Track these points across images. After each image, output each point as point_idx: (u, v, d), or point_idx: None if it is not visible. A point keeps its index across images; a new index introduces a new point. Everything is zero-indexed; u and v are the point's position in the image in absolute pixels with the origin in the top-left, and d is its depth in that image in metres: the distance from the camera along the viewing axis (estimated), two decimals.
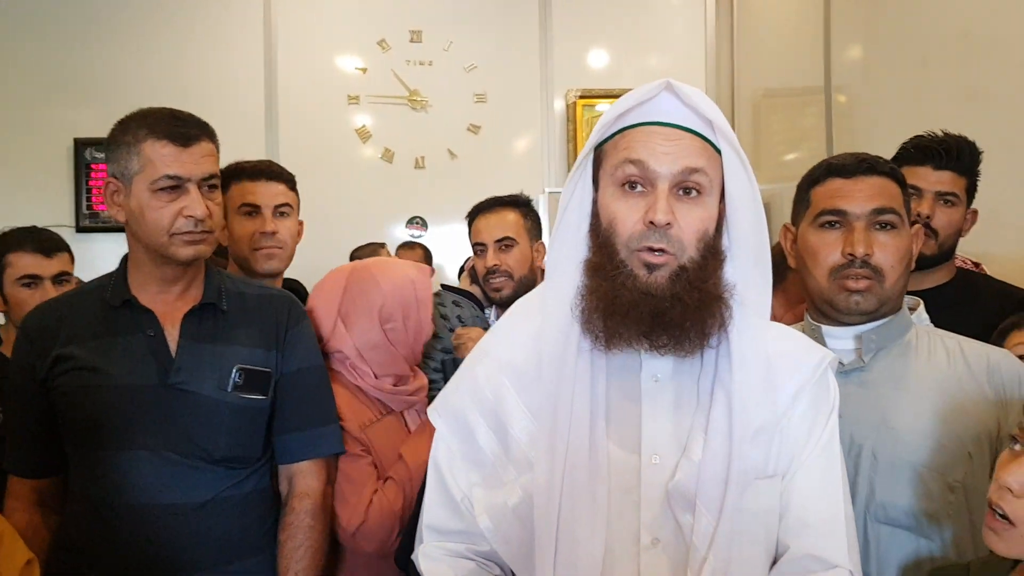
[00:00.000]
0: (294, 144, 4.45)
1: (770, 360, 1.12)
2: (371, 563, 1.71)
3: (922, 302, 1.58)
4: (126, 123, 1.52)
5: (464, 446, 1.18)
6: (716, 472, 1.06)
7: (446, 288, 2.57)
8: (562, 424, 1.09)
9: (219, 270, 1.68)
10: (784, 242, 1.51)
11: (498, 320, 1.32)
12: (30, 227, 2.22)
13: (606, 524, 1.07)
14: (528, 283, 2.22)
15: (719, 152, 1.10)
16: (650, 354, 1.10)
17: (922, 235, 1.55)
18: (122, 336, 1.52)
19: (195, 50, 4.43)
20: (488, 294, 2.34)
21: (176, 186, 1.49)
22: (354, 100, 4.61)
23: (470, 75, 4.69)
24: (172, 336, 1.53)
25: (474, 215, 2.35)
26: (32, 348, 1.55)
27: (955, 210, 1.86)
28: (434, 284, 2.04)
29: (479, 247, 2.33)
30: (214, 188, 1.55)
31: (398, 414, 1.84)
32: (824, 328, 1.44)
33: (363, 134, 4.64)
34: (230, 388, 1.53)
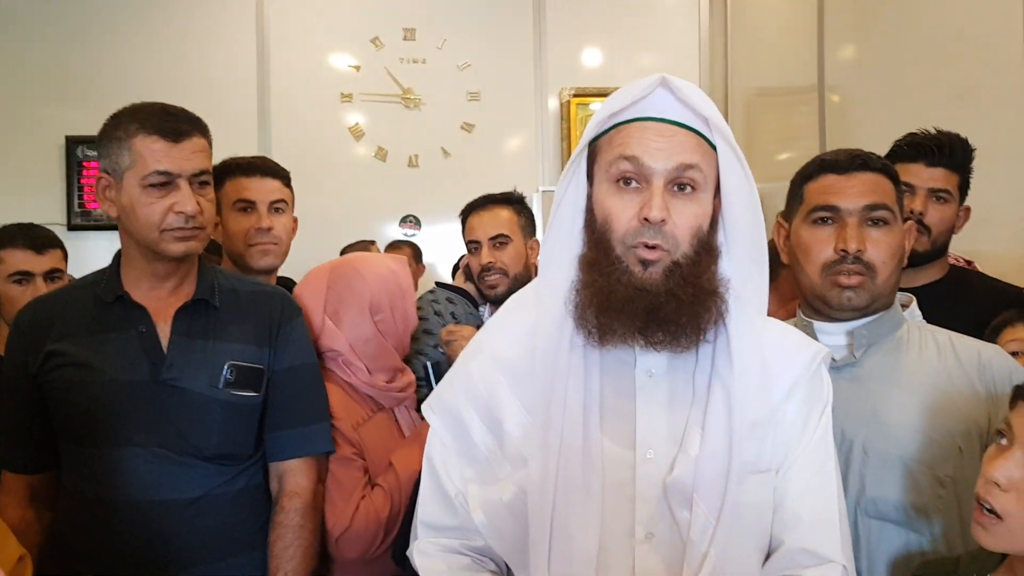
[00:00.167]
0: (287, 142, 4.42)
1: (765, 355, 1.12)
2: (364, 562, 1.70)
3: (915, 298, 1.58)
4: (118, 118, 1.51)
5: (458, 442, 1.18)
6: (715, 467, 1.06)
7: (440, 285, 2.57)
8: (555, 419, 1.09)
9: (213, 266, 1.67)
10: (777, 237, 1.51)
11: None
12: (23, 223, 2.21)
13: (600, 519, 1.07)
14: (523, 280, 2.22)
15: (714, 148, 1.10)
16: (644, 350, 1.10)
17: (915, 231, 1.56)
18: (114, 332, 1.52)
19: (188, 48, 4.41)
20: (483, 291, 2.34)
21: (167, 182, 1.48)
22: (347, 98, 4.60)
23: (464, 73, 4.68)
24: (164, 332, 1.52)
25: (468, 213, 2.35)
26: (24, 344, 1.55)
27: (948, 207, 1.87)
28: (428, 281, 2.03)
29: (473, 245, 2.33)
30: (205, 184, 1.54)
31: (388, 411, 1.84)
32: (816, 324, 1.44)
33: (356, 132, 4.62)
34: (221, 385, 1.52)
